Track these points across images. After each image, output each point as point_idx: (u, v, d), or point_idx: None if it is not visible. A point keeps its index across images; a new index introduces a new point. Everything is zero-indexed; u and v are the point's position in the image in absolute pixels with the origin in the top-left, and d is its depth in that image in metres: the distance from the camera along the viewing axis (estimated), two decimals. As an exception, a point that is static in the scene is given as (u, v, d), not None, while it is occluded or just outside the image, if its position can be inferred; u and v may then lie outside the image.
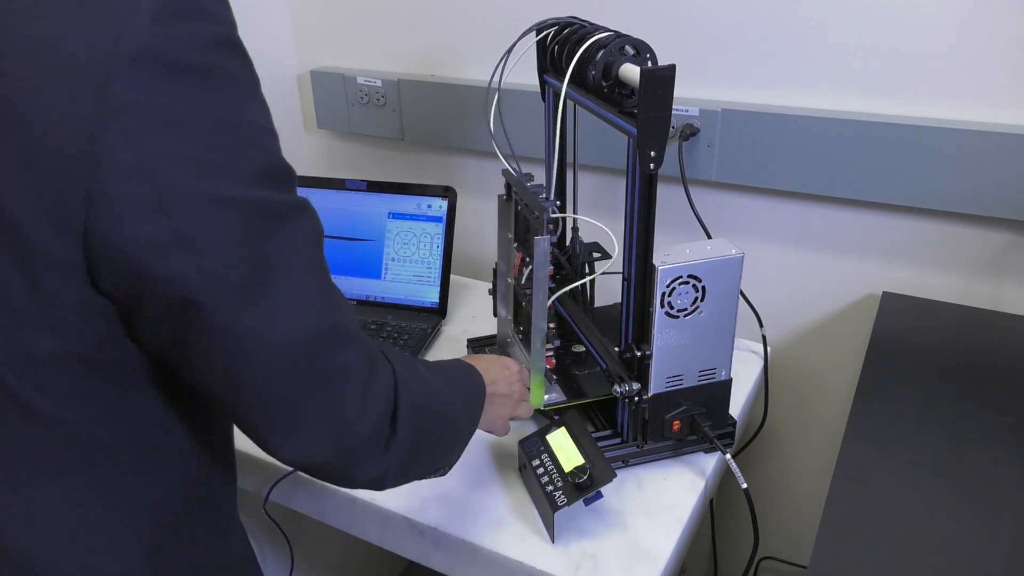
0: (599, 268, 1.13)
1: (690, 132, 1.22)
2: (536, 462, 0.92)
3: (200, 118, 0.51)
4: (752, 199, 1.28)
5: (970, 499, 0.82)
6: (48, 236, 0.51)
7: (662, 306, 0.89)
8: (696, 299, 0.90)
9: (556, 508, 0.86)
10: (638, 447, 0.99)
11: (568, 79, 0.90)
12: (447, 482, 0.97)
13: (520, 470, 0.99)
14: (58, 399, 0.57)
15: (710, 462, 1.01)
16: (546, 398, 1.03)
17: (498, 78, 0.97)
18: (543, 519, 0.91)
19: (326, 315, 0.59)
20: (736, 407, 1.07)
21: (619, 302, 0.98)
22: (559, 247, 1.14)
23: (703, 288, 0.90)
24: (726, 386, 0.98)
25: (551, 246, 0.96)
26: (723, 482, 1.15)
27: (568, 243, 1.15)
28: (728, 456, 0.96)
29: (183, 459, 0.67)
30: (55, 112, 0.49)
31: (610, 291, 1.14)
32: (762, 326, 1.25)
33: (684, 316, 0.91)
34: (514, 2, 1.35)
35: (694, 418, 0.97)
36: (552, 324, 0.98)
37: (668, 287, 0.88)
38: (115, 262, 0.52)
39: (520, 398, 0.96)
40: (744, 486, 0.92)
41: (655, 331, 0.91)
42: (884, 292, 1.22)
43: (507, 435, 0.97)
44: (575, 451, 0.91)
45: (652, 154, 0.83)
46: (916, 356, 1.06)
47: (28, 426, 0.58)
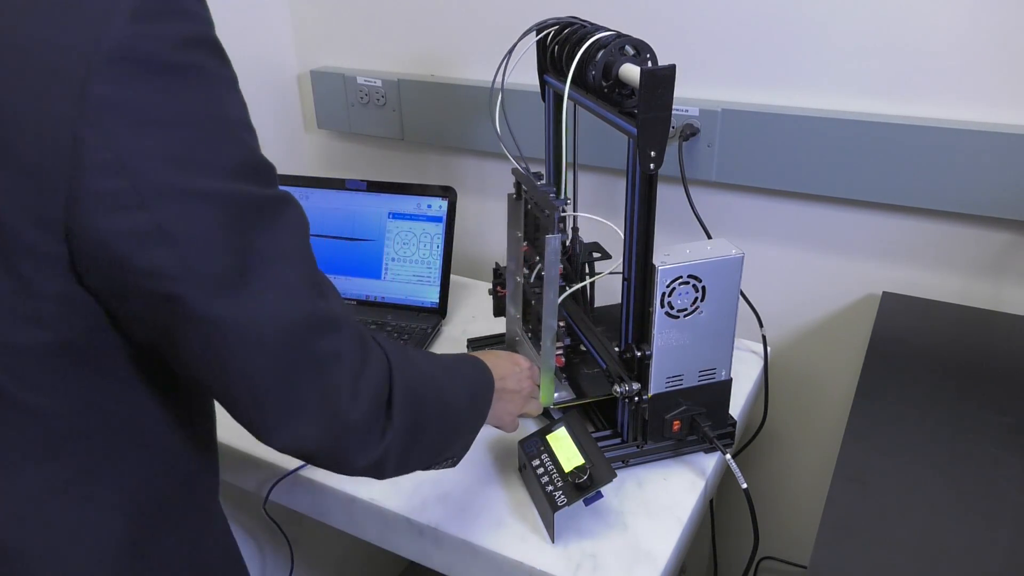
0: (600, 268, 1.13)
1: (690, 132, 1.22)
2: (536, 462, 0.92)
3: (178, 114, 0.52)
4: (752, 199, 1.28)
5: (970, 499, 0.82)
6: (29, 230, 0.52)
7: (662, 306, 0.89)
8: (696, 299, 0.90)
9: (556, 508, 0.86)
10: (638, 447, 0.99)
11: (569, 80, 0.90)
12: (447, 482, 0.98)
13: (520, 470, 0.99)
14: (39, 390, 0.58)
15: (710, 462, 1.01)
16: (555, 396, 1.03)
17: (501, 78, 0.97)
18: (543, 519, 0.91)
19: (312, 303, 0.60)
20: (736, 407, 1.07)
21: (619, 302, 0.98)
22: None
23: (703, 288, 0.90)
24: (726, 386, 0.98)
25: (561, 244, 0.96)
26: (723, 482, 1.15)
27: (568, 243, 1.15)
28: (728, 456, 0.96)
29: (164, 448, 0.68)
30: (36, 110, 0.50)
31: (610, 291, 1.14)
32: (762, 326, 1.25)
33: (684, 316, 0.91)
34: (514, 2, 1.35)
35: (694, 418, 0.97)
36: (562, 322, 0.98)
37: (668, 287, 0.88)
38: (97, 256, 0.53)
39: (530, 395, 0.96)
40: (744, 486, 0.92)
41: (655, 331, 0.91)
42: (884, 292, 1.22)
43: (515, 431, 0.97)
44: (575, 451, 0.91)
45: (652, 154, 0.83)
46: (916, 356, 1.06)
47: (8, 416, 0.58)
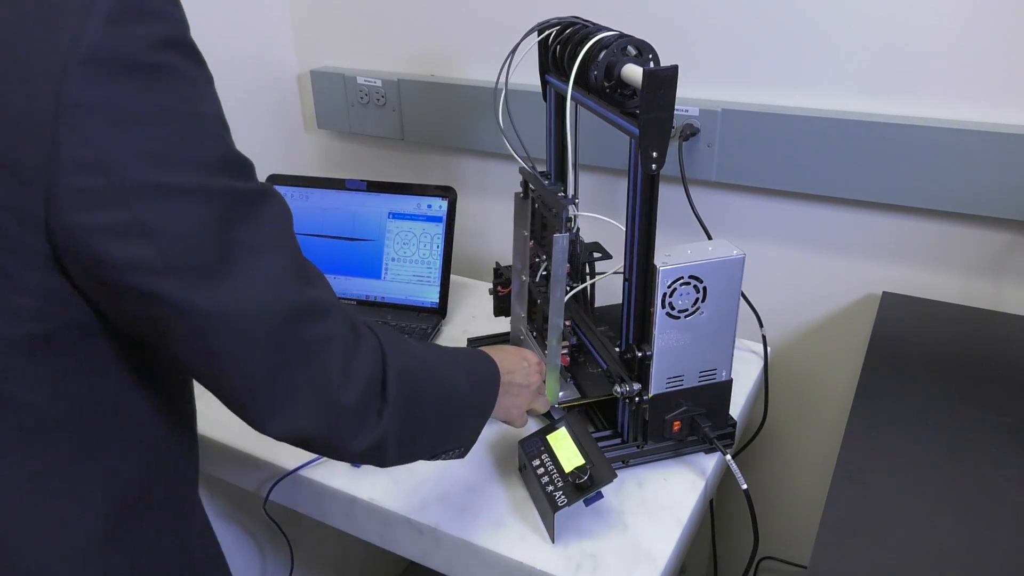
0: (600, 268, 1.13)
1: (690, 132, 1.22)
2: (536, 462, 0.92)
3: (153, 112, 0.54)
4: (752, 199, 1.28)
5: (970, 499, 0.82)
6: (12, 226, 0.53)
7: (663, 307, 0.89)
8: (697, 300, 0.90)
9: (556, 508, 0.86)
10: (638, 447, 0.99)
11: (572, 80, 0.90)
12: (447, 482, 0.98)
13: (520, 470, 0.99)
14: (20, 380, 0.59)
15: (710, 462, 1.01)
16: (560, 395, 1.03)
17: (504, 79, 0.97)
18: (543, 519, 0.91)
19: (298, 291, 0.61)
20: (736, 407, 1.07)
21: (620, 302, 0.98)
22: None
23: (704, 289, 0.90)
24: (726, 386, 0.98)
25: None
26: (723, 482, 1.15)
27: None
28: (728, 456, 0.96)
29: (145, 438, 0.69)
30: (15, 109, 0.51)
31: (611, 291, 1.14)
32: (762, 326, 1.25)
33: (685, 317, 0.91)
34: (514, 2, 1.35)
35: (694, 418, 0.97)
36: (568, 322, 0.98)
37: (669, 288, 0.88)
38: (78, 252, 0.54)
39: (538, 390, 0.96)
40: (744, 486, 0.92)
41: (656, 332, 0.91)
42: (884, 292, 1.22)
43: (524, 426, 0.97)
44: (575, 451, 0.91)
45: (654, 154, 0.83)
46: (916, 356, 1.06)
47: None
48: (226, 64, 1.47)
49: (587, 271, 1.12)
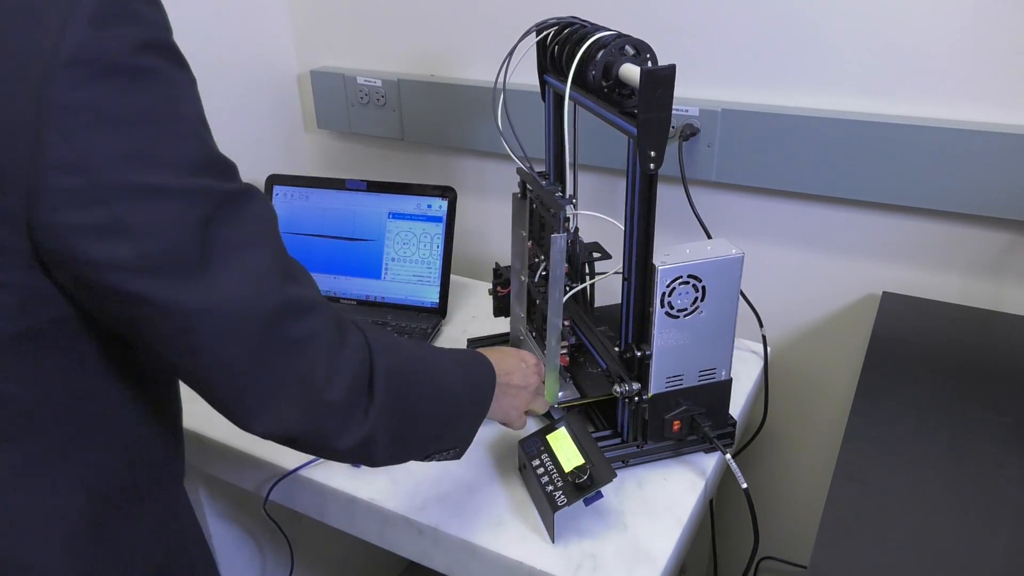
0: (600, 268, 1.13)
1: (690, 132, 1.22)
2: (536, 462, 0.92)
3: (135, 114, 0.54)
4: (752, 199, 1.28)
5: (970, 499, 0.82)
6: None
7: (662, 306, 0.89)
8: (696, 299, 0.90)
9: (556, 508, 0.86)
10: (638, 447, 0.99)
11: (570, 80, 0.90)
12: (447, 482, 0.98)
13: (520, 470, 0.99)
14: (4, 376, 0.59)
15: (710, 462, 1.01)
16: (559, 395, 1.03)
17: (503, 79, 0.97)
18: (543, 519, 0.91)
19: (281, 288, 0.61)
20: (736, 407, 1.07)
21: (619, 302, 0.98)
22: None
23: (703, 288, 0.90)
24: (726, 386, 0.98)
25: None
26: (723, 482, 1.15)
27: (569, 243, 1.14)
28: (728, 456, 0.96)
29: (129, 434, 0.69)
30: None
31: (610, 291, 1.14)
32: (762, 326, 1.25)
33: (684, 316, 0.91)
34: (514, 2, 1.35)
35: (694, 418, 0.97)
36: (567, 321, 0.98)
37: (668, 287, 0.88)
38: (59, 251, 0.55)
39: (536, 391, 0.96)
40: (744, 486, 0.92)
41: (655, 331, 0.91)
42: (884, 292, 1.22)
43: (523, 428, 0.97)
44: (575, 451, 0.91)
45: (652, 154, 0.83)
46: (916, 356, 1.06)
47: None
48: (226, 64, 1.47)
49: (586, 271, 1.12)
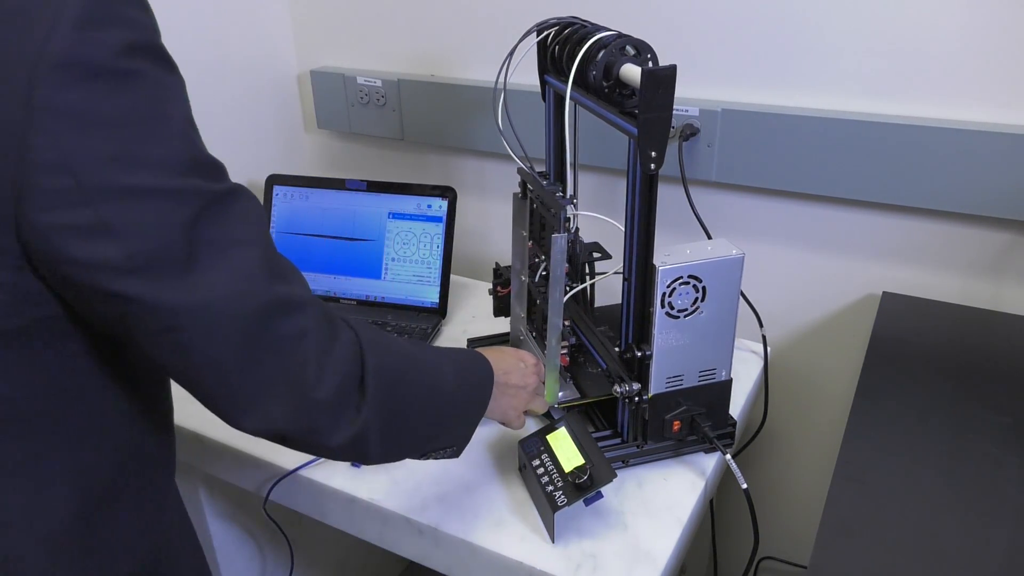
0: (600, 268, 1.13)
1: (690, 132, 1.22)
2: (536, 462, 0.92)
3: (121, 116, 0.55)
4: (752, 199, 1.28)
5: (970, 499, 0.82)
6: None
7: (662, 306, 0.89)
8: (696, 299, 0.90)
9: (556, 508, 0.86)
10: (638, 447, 0.99)
11: (571, 80, 0.90)
12: (447, 482, 0.98)
13: (520, 470, 0.99)
14: None
15: (710, 462, 1.01)
16: (559, 395, 1.03)
17: (503, 79, 0.97)
18: (543, 519, 0.91)
19: (270, 286, 0.61)
20: (736, 407, 1.07)
21: (619, 302, 0.98)
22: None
23: (703, 288, 0.90)
24: (726, 386, 0.98)
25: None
26: (723, 482, 1.15)
27: (569, 243, 1.14)
28: (728, 456, 0.96)
29: (119, 430, 0.69)
30: None
31: (610, 291, 1.14)
32: (762, 326, 1.25)
33: (684, 316, 0.91)
34: (514, 2, 1.35)
35: (694, 418, 0.97)
36: (567, 321, 0.98)
37: (668, 287, 0.88)
38: (47, 251, 0.55)
39: (535, 391, 0.96)
40: (744, 486, 0.92)
41: (655, 331, 0.91)
42: (884, 292, 1.22)
43: (522, 428, 0.97)
44: (575, 451, 0.91)
45: (653, 154, 0.83)
46: (916, 356, 1.06)
47: None
48: (226, 64, 1.47)
49: (586, 271, 1.12)
